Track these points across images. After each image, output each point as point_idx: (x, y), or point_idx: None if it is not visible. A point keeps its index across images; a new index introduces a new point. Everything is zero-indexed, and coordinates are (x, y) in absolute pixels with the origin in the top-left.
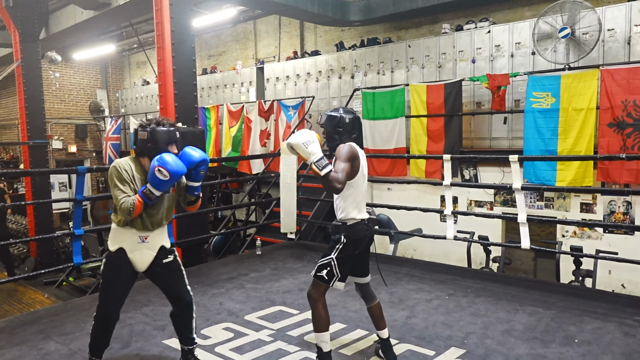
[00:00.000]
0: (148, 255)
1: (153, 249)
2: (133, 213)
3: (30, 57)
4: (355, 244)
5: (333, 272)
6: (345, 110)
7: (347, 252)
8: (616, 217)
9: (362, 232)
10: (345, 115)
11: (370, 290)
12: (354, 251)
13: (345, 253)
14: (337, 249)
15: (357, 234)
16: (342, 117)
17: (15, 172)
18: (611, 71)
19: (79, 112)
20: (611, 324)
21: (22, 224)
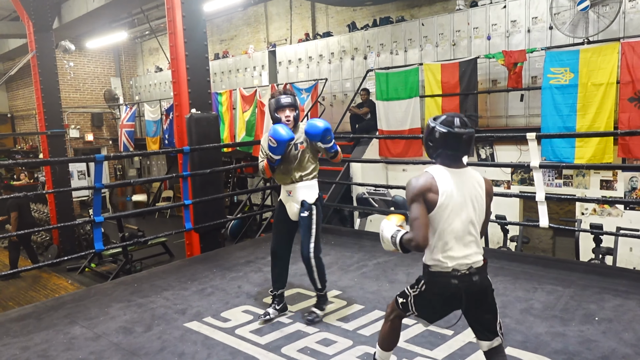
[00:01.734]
0: (294, 207)
1: (297, 201)
2: (265, 173)
3: (44, 47)
4: (434, 298)
5: (408, 306)
6: (445, 120)
7: (426, 297)
8: (637, 193)
9: (447, 286)
10: (438, 126)
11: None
12: (435, 305)
13: (424, 298)
14: (417, 288)
15: (436, 288)
16: (434, 128)
17: (35, 162)
18: (632, 44)
19: (94, 100)
20: (632, 301)
21: (44, 212)
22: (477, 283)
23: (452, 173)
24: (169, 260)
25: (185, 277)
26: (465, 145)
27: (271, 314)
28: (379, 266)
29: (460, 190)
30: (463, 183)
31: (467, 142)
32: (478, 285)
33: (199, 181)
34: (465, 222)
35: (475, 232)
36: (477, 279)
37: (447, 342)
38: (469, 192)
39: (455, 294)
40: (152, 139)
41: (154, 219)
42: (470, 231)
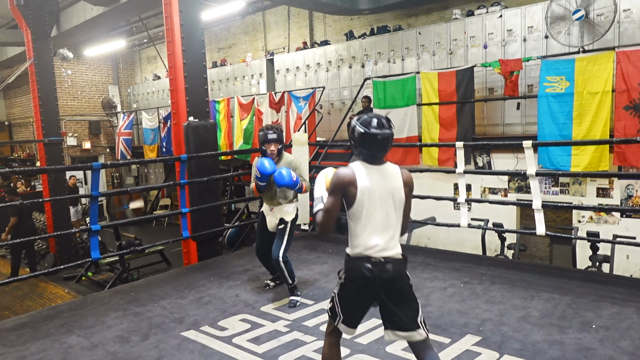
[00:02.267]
0: (273, 221)
1: (276, 218)
2: (254, 192)
3: (42, 55)
4: (351, 285)
5: (335, 310)
6: (364, 120)
7: (347, 287)
8: (634, 201)
9: (361, 271)
10: (358, 126)
11: (425, 352)
12: (353, 294)
13: (345, 289)
14: (339, 281)
15: (352, 273)
16: (354, 128)
17: (32, 170)
18: (627, 53)
19: (91, 108)
20: (630, 309)
21: (41, 221)
22: (390, 271)
23: (372, 169)
24: (166, 268)
25: (183, 285)
26: (381, 145)
27: (271, 284)
28: None
29: (379, 185)
30: (382, 178)
31: (382, 142)
32: (391, 273)
33: (196, 189)
34: (384, 215)
35: (395, 224)
36: (391, 267)
37: (445, 350)
38: (388, 186)
39: (370, 279)
40: (150, 147)
41: (151, 227)
42: (390, 223)
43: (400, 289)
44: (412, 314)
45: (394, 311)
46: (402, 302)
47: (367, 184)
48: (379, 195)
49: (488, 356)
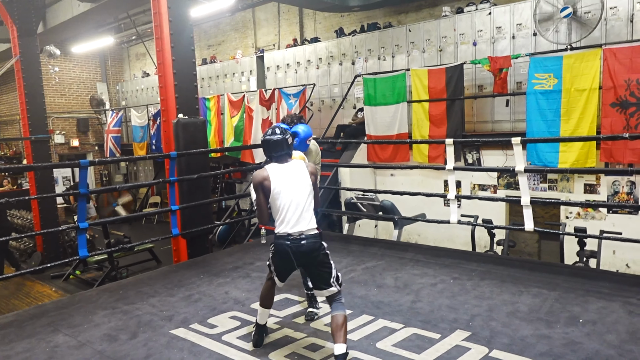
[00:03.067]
0: None
1: None
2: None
3: (28, 52)
4: (277, 256)
5: (270, 268)
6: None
7: (274, 256)
8: (620, 197)
9: (282, 246)
10: (266, 136)
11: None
12: (279, 262)
13: (273, 257)
14: (270, 250)
15: (277, 247)
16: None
17: (18, 167)
18: (614, 50)
19: (79, 106)
20: (616, 304)
21: (27, 219)
22: (305, 244)
23: (281, 167)
24: (156, 266)
25: (172, 283)
26: (276, 147)
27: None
28: (367, 271)
29: (288, 177)
30: (290, 172)
31: (275, 145)
32: (305, 246)
33: (186, 187)
34: (296, 200)
35: (306, 206)
36: (305, 242)
37: (435, 346)
38: (295, 177)
39: (289, 253)
40: (139, 144)
41: (140, 225)
42: (302, 206)
43: (315, 258)
44: (326, 278)
45: (311, 275)
46: (316, 268)
47: (278, 178)
48: (290, 186)
49: (477, 351)
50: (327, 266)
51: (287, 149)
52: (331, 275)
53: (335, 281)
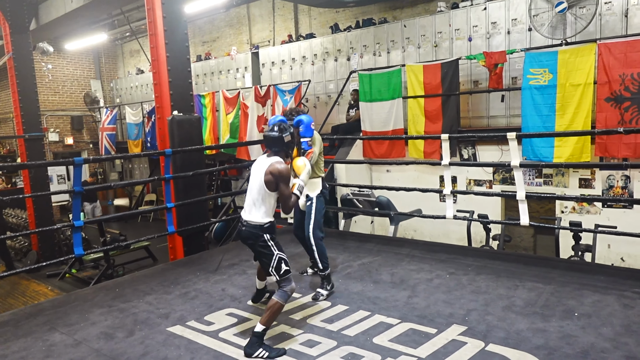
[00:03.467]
0: (302, 200)
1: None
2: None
3: (21, 49)
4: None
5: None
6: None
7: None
8: (615, 191)
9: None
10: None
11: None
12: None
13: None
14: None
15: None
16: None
17: (12, 165)
18: (609, 45)
19: (73, 103)
20: (611, 297)
21: (22, 218)
22: (243, 232)
23: (260, 159)
24: (152, 264)
25: (169, 281)
26: (267, 142)
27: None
28: (364, 267)
29: (255, 170)
30: (257, 166)
31: (266, 140)
32: (244, 233)
33: (181, 184)
34: (249, 191)
35: (254, 200)
36: (244, 230)
37: (431, 340)
38: (257, 171)
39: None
40: (134, 142)
41: (136, 222)
42: (251, 198)
43: (252, 245)
44: (265, 267)
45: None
46: (259, 256)
47: (253, 168)
48: (252, 177)
49: (474, 345)
50: (266, 256)
51: (281, 146)
52: (269, 265)
53: (274, 271)
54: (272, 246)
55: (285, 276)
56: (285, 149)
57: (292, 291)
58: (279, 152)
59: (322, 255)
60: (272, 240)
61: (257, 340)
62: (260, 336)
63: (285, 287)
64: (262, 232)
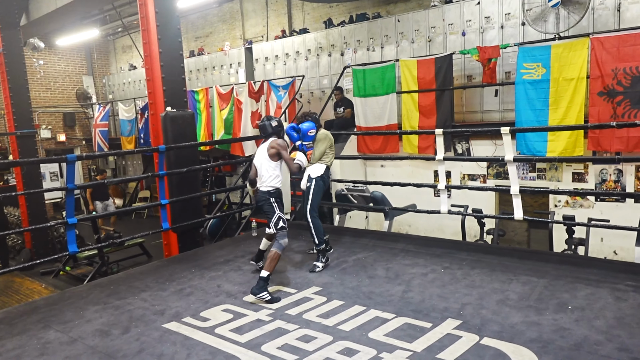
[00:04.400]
0: (304, 181)
1: (306, 176)
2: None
3: (11, 45)
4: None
5: None
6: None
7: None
8: (607, 185)
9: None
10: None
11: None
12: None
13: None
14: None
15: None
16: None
17: (4, 163)
18: (601, 39)
19: (65, 100)
20: (604, 290)
21: (15, 215)
22: (258, 196)
23: (262, 143)
24: (146, 261)
25: (164, 277)
26: (261, 131)
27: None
28: (359, 262)
29: (259, 151)
30: (260, 150)
31: (261, 129)
32: (258, 197)
33: (175, 180)
34: (258, 166)
35: (262, 171)
36: (259, 195)
37: (426, 335)
38: (260, 151)
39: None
40: (127, 138)
41: (130, 219)
42: (261, 172)
43: (262, 206)
44: (269, 220)
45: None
46: (265, 213)
47: (257, 151)
48: (257, 156)
49: (468, 339)
50: (270, 213)
51: (269, 131)
52: (271, 220)
53: (273, 225)
54: (276, 207)
55: (281, 231)
56: (276, 133)
57: (285, 244)
58: (273, 135)
59: (317, 231)
60: (276, 203)
61: (263, 283)
62: (266, 280)
63: (280, 240)
64: (269, 195)
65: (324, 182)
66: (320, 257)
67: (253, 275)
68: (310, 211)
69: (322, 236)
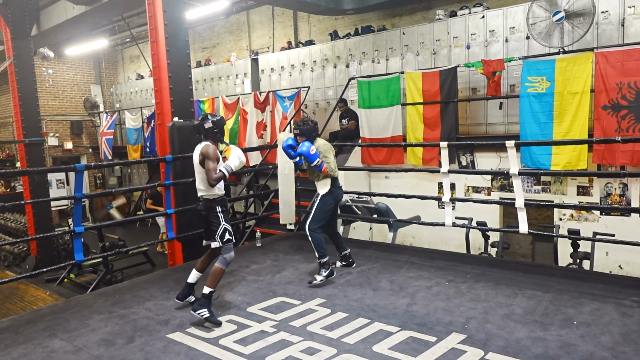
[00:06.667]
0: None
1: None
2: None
3: (22, 54)
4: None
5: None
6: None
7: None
8: (612, 199)
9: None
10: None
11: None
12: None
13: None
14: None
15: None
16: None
17: (14, 172)
18: (605, 54)
19: (73, 108)
20: (609, 305)
21: (22, 222)
22: (200, 206)
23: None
24: (150, 269)
25: (168, 287)
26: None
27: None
28: (363, 274)
29: (194, 157)
30: (195, 153)
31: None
32: (200, 207)
33: (181, 190)
34: (196, 174)
35: (199, 180)
36: (200, 204)
37: (431, 349)
38: (194, 157)
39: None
40: (133, 146)
41: (135, 227)
42: (198, 178)
43: (206, 217)
44: (212, 233)
45: (205, 229)
46: (207, 224)
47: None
48: (194, 163)
49: (473, 354)
50: (215, 225)
51: (204, 131)
52: (216, 232)
53: (219, 238)
54: (222, 218)
55: (227, 244)
56: (210, 134)
57: (230, 258)
58: (207, 137)
59: (317, 245)
60: (222, 213)
61: (205, 300)
62: (208, 297)
63: (225, 254)
64: (215, 204)
65: (333, 198)
66: (321, 270)
67: (257, 286)
68: (309, 224)
69: (322, 250)
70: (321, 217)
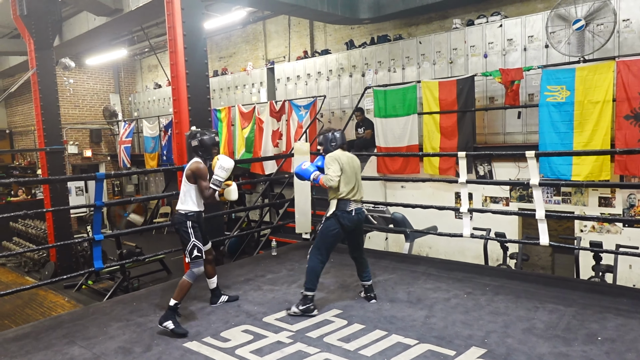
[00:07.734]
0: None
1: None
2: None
3: (45, 64)
4: None
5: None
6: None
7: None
8: (636, 210)
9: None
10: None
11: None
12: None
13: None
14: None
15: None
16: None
17: (36, 180)
18: (627, 62)
19: (93, 117)
20: (635, 321)
21: (42, 229)
22: (174, 217)
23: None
24: (166, 277)
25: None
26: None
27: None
28: (379, 285)
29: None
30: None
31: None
32: (174, 219)
33: None
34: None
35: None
36: (175, 215)
37: None
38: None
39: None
40: (151, 154)
41: (151, 235)
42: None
43: (178, 230)
44: (183, 247)
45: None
46: (180, 238)
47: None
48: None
49: None
50: (185, 240)
51: (191, 150)
52: (186, 248)
53: (187, 253)
54: (191, 234)
55: (195, 260)
56: (197, 152)
57: (199, 272)
58: (195, 155)
59: (307, 274)
60: (192, 229)
61: (170, 312)
62: (173, 309)
63: (194, 269)
64: (186, 219)
65: (338, 221)
66: (299, 302)
67: (273, 295)
68: (312, 250)
69: (311, 282)
70: (324, 244)
